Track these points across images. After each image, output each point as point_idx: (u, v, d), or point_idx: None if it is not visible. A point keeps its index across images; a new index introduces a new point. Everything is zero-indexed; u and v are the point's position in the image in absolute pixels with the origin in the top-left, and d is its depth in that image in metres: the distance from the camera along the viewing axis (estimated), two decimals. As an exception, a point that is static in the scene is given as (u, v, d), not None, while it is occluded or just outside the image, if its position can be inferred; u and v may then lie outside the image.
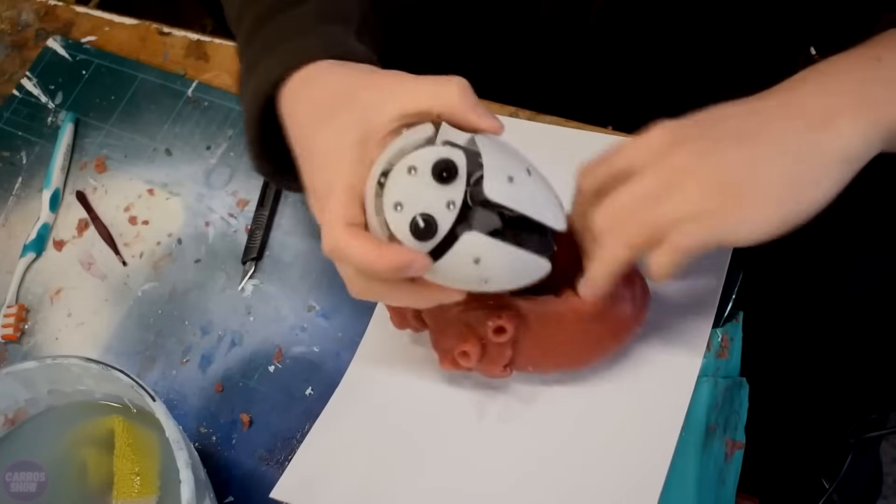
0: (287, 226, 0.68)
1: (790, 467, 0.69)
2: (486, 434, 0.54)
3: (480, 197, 0.45)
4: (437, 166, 0.44)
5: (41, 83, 0.79)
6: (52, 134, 0.76)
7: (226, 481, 0.59)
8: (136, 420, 0.55)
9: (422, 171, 0.44)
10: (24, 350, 0.68)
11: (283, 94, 0.50)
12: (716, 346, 0.53)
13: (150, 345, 0.65)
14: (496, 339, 0.49)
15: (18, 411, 0.56)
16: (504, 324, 0.48)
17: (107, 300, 0.68)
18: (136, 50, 0.78)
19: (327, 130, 0.47)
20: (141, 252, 0.69)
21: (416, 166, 0.44)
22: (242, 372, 0.63)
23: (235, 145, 0.72)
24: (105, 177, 0.73)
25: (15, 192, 0.75)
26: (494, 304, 0.49)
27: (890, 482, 1.18)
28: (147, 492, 0.53)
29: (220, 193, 0.70)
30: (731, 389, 0.54)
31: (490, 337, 0.49)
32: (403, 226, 0.44)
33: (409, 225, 0.44)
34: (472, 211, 0.45)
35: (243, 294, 0.66)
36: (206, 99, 0.74)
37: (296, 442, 0.59)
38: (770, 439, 0.64)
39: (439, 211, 0.44)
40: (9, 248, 0.72)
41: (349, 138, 0.46)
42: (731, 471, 0.54)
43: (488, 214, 0.45)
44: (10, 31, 0.83)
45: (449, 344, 0.52)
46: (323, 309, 0.63)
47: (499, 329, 0.49)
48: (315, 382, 0.61)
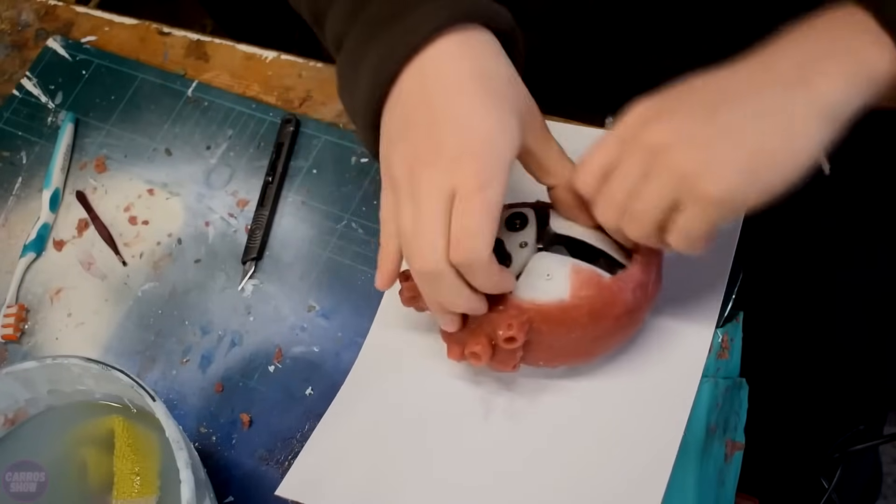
0: (287, 226, 0.68)
1: (790, 467, 0.69)
2: (492, 429, 0.54)
3: (551, 234, 0.51)
4: (511, 218, 0.52)
5: (41, 83, 0.79)
6: (52, 134, 0.76)
7: (226, 481, 0.59)
8: (136, 420, 0.55)
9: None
10: (24, 350, 0.68)
11: (405, 71, 0.47)
12: (716, 347, 0.53)
13: (150, 345, 0.65)
14: (507, 346, 0.49)
15: (18, 411, 0.56)
16: (515, 334, 0.48)
17: (107, 300, 0.68)
18: (136, 50, 0.78)
19: (474, 100, 0.45)
20: (141, 252, 0.69)
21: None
22: (242, 372, 0.63)
23: (235, 145, 0.72)
24: (105, 177, 0.73)
25: (15, 192, 0.75)
26: (504, 308, 0.49)
27: (890, 482, 1.19)
28: (147, 492, 0.53)
29: (220, 193, 0.70)
30: (731, 390, 0.54)
31: (501, 344, 0.50)
32: None
33: None
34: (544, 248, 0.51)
35: (243, 294, 0.66)
36: (206, 99, 0.74)
37: (296, 442, 0.59)
38: (770, 440, 0.64)
39: (514, 249, 0.51)
40: (9, 248, 0.72)
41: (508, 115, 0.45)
42: (731, 471, 0.54)
43: (559, 248, 0.52)
44: (10, 31, 0.83)
45: (457, 336, 0.52)
46: (323, 309, 0.63)
47: (510, 338, 0.49)
48: (315, 382, 0.61)
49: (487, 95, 0.45)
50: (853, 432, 0.66)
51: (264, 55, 0.75)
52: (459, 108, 0.45)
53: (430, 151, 0.45)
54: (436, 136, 0.45)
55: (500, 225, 0.48)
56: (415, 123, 0.46)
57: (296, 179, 0.69)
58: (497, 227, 0.45)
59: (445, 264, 0.45)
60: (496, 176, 0.44)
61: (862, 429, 0.66)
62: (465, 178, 0.44)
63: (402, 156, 0.47)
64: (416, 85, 0.47)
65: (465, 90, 0.45)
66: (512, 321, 0.48)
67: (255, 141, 0.71)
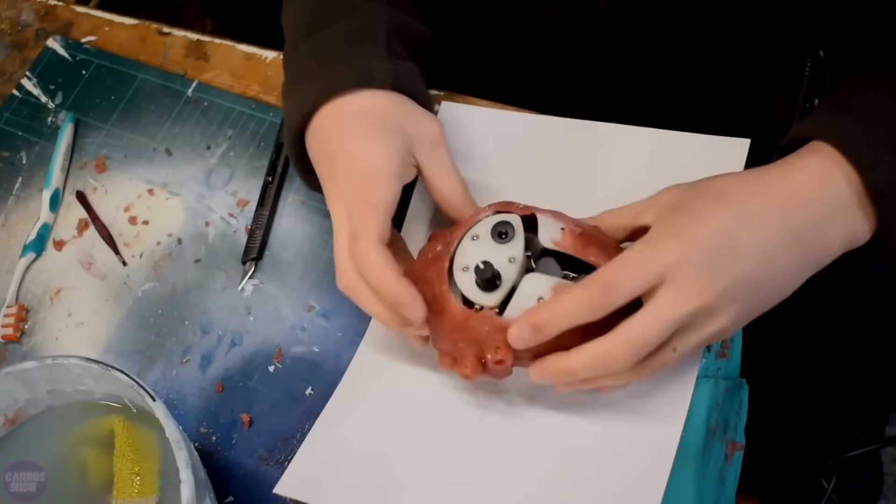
0: (287, 226, 0.68)
1: (790, 467, 0.69)
2: (489, 429, 0.54)
3: (538, 248, 0.51)
4: (496, 228, 0.51)
5: (41, 83, 0.79)
6: (52, 134, 0.76)
7: (226, 481, 0.59)
8: (136, 420, 0.55)
9: (483, 237, 0.51)
10: (24, 350, 0.68)
11: (314, 118, 0.56)
12: (716, 347, 0.53)
13: (150, 345, 0.65)
14: (496, 367, 0.50)
15: (18, 411, 0.56)
16: (503, 357, 0.49)
17: (107, 300, 0.68)
18: (136, 50, 0.78)
19: (361, 139, 0.54)
20: (141, 252, 0.69)
21: (478, 234, 0.51)
22: (242, 372, 0.63)
23: (235, 145, 0.72)
24: (105, 177, 0.73)
25: (15, 192, 0.75)
26: (495, 330, 0.49)
27: (890, 482, 1.18)
28: (147, 492, 0.53)
29: (220, 193, 0.70)
30: (731, 390, 0.54)
31: (490, 365, 0.50)
32: (471, 284, 0.50)
33: (474, 282, 0.50)
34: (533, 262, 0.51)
35: (243, 294, 0.66)
36: (206, 99, 0.74)
37: (296, 442, 0.59)
38: (770, 440, 0.64)
39: (502, 266, 0.50)
40: (9, 248, 0.72)
41: (390, 151, 0.54)
42: (731, 472, 0.54)
43: (548, 261, 0.51)
44: (10, 31, 0.83)
45: (447, 347, 0.52)
46: (323, 309, 0.63)
47: (499, 361, 0.49)
48: (315, 382, 0.61)
49: (370, 138, 0.54)
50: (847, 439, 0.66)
51: (264, 55, 0.75)
52: (349, 147, 0.55)
53: (330, 186, 0.55)
54: (333, 173, 0.55)
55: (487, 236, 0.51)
56: (321, 160, 0.56)
57: (296, 179, 0.69)
58: (387, 226, 0.52)
59: (355, 263, 0.52)
60: (377, 207, 0.52)
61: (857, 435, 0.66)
62: (353, 210, 0.53)
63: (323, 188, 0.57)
64: (322, 127, 0.56)
65: (352, 133, 0.55)
66: (501, 345, 0.49)
67: (255, 141, 0.71)
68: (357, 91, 0.56)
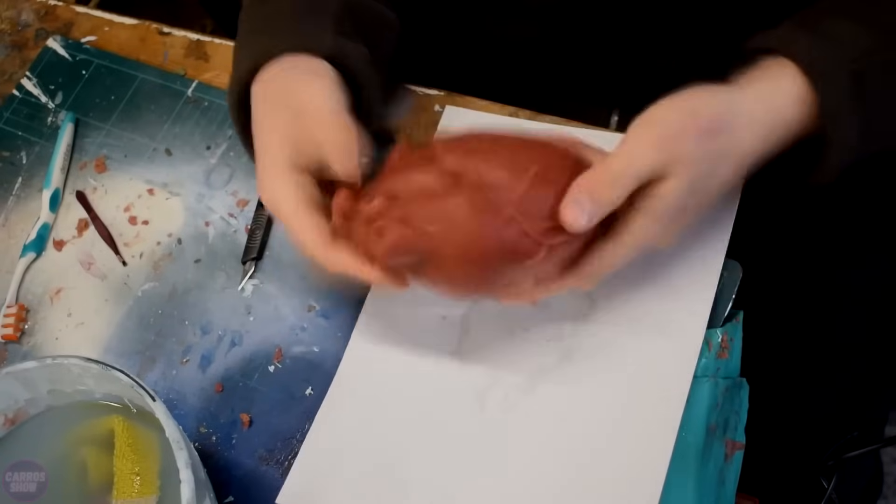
0: (287, 226, 0.68)
1: (790, 467, 0.69)
2: (487, 430, 0.54)
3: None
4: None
5: (41, 83, 0.79)
6: (52, 134, 0.76)
7: (226, 481, 0.59)
8: (136, 420, 0.55)
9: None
10: (24, 350, 0.68)
11: (254, 84, 0.57)
12: (716, 347, 0.53)
13: (150, 345, 0.65)
14: (368, 208, 0.50)
15: (18, 411, 0.56)
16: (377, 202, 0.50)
17: (107, 300, 0.68)
18: (136, 50, 0.78)
19: (269, 121, 0.55)
20: (141, 252, 0.69)
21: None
22: (242, 372, 0.63)
23: (235, 145, 0.72)
24: (105, 177, 0.73)
25: (15, 192, 0.75)
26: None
27: (890, 482, 1.18)
28: (147, 492, 0.53)
29: (220, 193, 0.70)
30: (731, 390, 0.54)
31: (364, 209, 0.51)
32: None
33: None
34: None
35: (243, 294, 0.66)
36: (206, 99, 0.74)
37: (296, 442, 0.59)
38: (770, 440, 0.64)
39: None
40: (9, 248, 0.72)
41: (329, 93, 0.54)
42: (731, 471, 0.54)
43: None
44: (10, 31, 0.83)
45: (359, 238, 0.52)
46: (323, 309, 0.64)
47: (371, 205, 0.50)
48: (315, 382, 0.61)
49: (310, 79, 0.55)
50: (847, 439, 0.66)
51: (264, 55, 0.75)
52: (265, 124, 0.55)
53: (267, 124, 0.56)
54: (266, 112, 0.56)
55: None
56: (257, 109, 0.57)
57: (296, 179, 0.69)
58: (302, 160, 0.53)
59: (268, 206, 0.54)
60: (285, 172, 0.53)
61: (857, 435, 0.66)
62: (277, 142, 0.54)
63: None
64: (263, 81, 0.56)
65: (267, 110, 0.55)
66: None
67: (255, 141, 0.71)
68: (298, 55, 0.56)
